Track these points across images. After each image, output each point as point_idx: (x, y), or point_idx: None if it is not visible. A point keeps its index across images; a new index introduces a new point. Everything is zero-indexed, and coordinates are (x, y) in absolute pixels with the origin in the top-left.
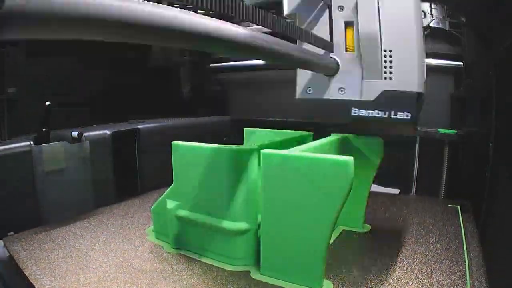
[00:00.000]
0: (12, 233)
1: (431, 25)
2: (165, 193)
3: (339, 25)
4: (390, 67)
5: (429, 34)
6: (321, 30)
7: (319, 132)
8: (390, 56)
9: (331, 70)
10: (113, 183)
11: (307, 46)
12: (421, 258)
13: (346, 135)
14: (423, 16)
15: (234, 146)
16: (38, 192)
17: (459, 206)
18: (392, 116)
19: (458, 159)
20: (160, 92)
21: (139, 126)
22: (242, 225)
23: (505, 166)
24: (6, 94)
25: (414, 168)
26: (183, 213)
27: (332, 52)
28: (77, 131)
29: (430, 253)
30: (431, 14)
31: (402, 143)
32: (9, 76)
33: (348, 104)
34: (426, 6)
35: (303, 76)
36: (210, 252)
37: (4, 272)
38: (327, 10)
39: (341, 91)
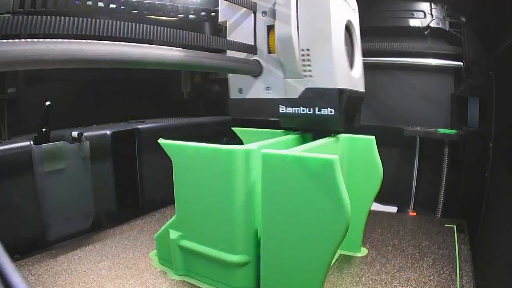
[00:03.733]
0: (18, 255)
1: (431, 25)
2: (168, 223)
3: (262, 29)
4: (309, 65)
5: (429, 34)
6: (247, 34)
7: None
8: (308, 55)
9: (255, 72)
10: (113, 183)
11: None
12: (415, 285)
13: (347, 135)
14: (422, 16)
15: (233, 146)
16: (38, 192)
17: (455, 226)
18: (317, 112)
19: (457, 168)
20: (160, 92)
21: (139, 126)
22: (242, 258)
23: (505, 167)
24: (6, 94)
25: (413, 178)
26: (185, 243)
27: (256, 54)
28: (77, 131)
29: (423, 279)
30: (431, 14)
31: (402, 144)
32: (9, 76)
33: (276, 102)
34: (426, 6)
35: (234, 79)
36: (213, 280)
37: None
38: (252, 16)
39: (268, 90)
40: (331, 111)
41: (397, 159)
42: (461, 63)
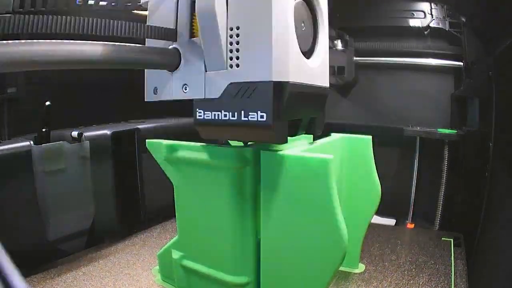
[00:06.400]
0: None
1: (431, 25)
2: (170, 242)
3: (184, 8)
4: (237, 50)
5: (429, 34)
6: (169, 18)
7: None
8: (237, 36)
9: (171, 64)
10: (113, 182)
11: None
12: None
13: (347, 135)
14: (422, 16)
15: (231, 147)
16: (38, 192)
17: (452, 240)
18: (243, 119)
19: (457, 170)
20: None
21: (139, 126)
22: (242, 279)
23: (505, 168)
24: (6, 94)
25: (413, 185)
26: (187, 263)
27: (175, 41)
28: (77, 131)
29: None
30: (431, 14)
31: (402, 144)
32: (9, 76)
33: (194, 105)
34: (426, 6)
35: (151, 75)
36: None
37: None
38: None
39: (185, 88)
40: (262, 116)
41: (397, 161)
42: (461, 63)
